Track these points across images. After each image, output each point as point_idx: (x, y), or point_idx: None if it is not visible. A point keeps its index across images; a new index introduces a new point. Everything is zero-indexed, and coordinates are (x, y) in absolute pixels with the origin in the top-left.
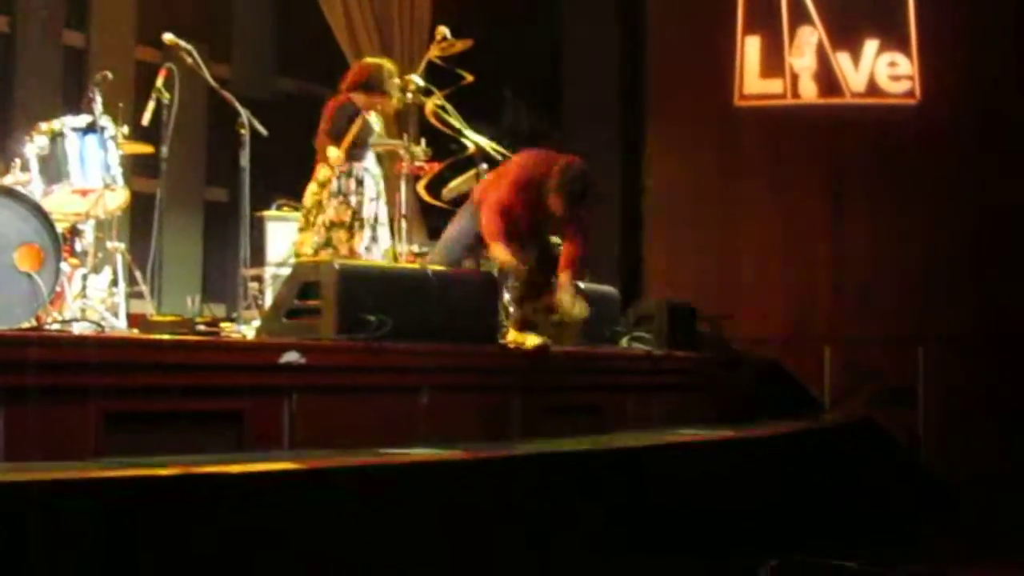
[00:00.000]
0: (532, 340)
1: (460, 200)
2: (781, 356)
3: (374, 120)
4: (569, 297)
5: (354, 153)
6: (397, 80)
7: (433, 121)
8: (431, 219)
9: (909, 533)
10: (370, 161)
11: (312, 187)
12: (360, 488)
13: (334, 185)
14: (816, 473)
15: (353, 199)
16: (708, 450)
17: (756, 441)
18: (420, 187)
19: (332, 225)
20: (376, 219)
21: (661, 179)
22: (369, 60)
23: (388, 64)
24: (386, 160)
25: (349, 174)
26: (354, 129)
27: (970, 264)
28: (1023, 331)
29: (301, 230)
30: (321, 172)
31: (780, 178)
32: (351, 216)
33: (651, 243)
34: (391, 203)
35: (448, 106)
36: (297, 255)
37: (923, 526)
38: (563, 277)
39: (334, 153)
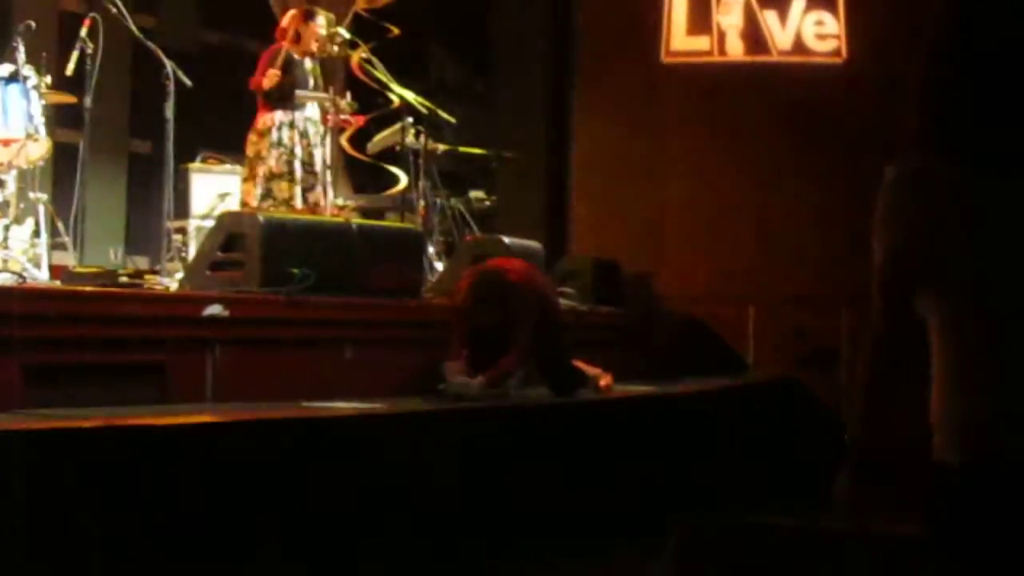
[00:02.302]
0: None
1: (385, 153)
2: (706, 315)
3: (308, 68)
4: (473, 386)
5: (292, 103)
6: (326, 29)
7: (359, 74)
8: (356, 173)
9: (827, 490)
10: (311, 110)
11: (252, 136)
12: (281, 442)
13: (274, 135)
14: (737, 431)
15: (298, 149)
16: (629, 406)
17: (678, 398)
18: (343, 140)
19: (272, 176)
20: (324, 165)
21: (587, 135)
22: (302, 7)
23: (322, 11)
24: None
25: (291, 124)
26: (280, 61)
27: None
28: None
29: (244, 180)
30: (261, 121)
31: (706, 136)
32: (290, 166)
33: (576, 199)
34: None
35: (374, 59)
36: (243, 205)
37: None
38: (481, 377)
39: (270, 78)
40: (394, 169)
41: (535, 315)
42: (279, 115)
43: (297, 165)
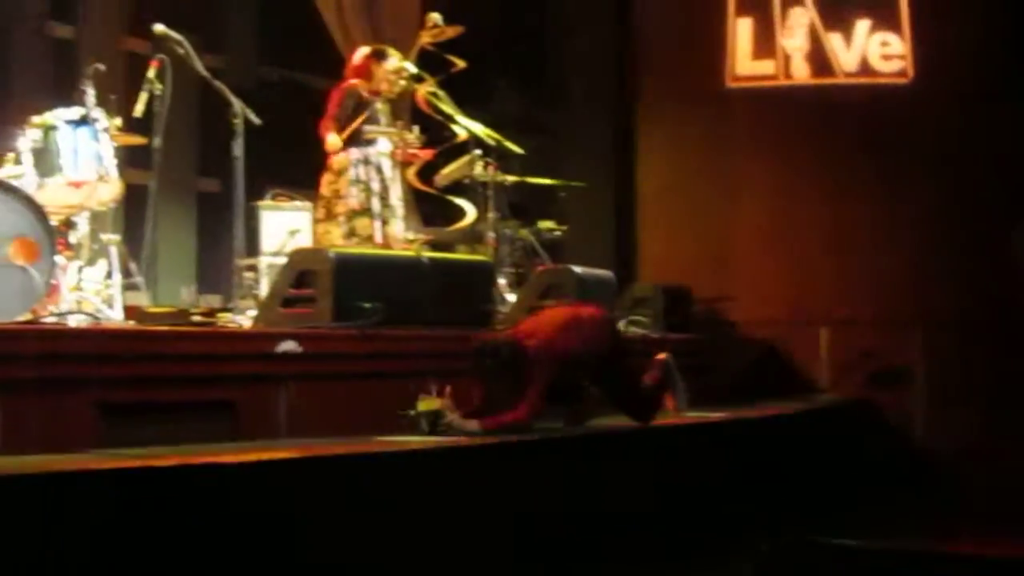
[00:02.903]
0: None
1: (453, 186)
2: (777, 338)
3: (379, 107)
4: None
5: (365, 140)
6: (395, 66)
7: (425, 108)
8: (425, 206)
9: (901, 510)
10: (383, 144)
11: (328, 177)
12: (356, 476)
13: (352, 173)
14: (810, 454)
15: (375, 184)
16: (703, 432)
17: (752, 422)
18: (411, 174)
19: (354, 214)
20: (397, 199)
21: (655, 162)
22: (374, 47)
23: (393, 51)
24: None
25: (366, 161)
26: (343, 114)
27: (964, 244)
28: (1019, 312)
29: (319, 221)
30: (336, 161)
31: (773, 160)
32: (370, 202)
33: (645, 226)
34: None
35: (440, 92)
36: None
37: (914, 502)
38: (476, 423)
39: (333, 140)
40: (461, 202)
41: (553, 374)
42: (354, 152)
43: (375, 200)
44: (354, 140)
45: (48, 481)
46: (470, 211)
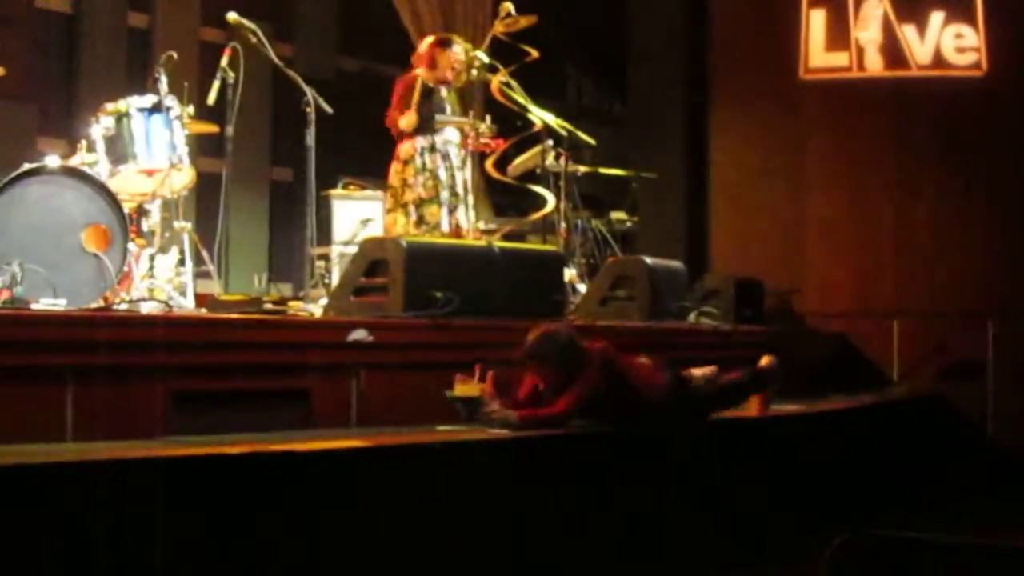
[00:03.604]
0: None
1: (526, 176)
2: (848, 331)
3: (444, 95)
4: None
5: (431, 127)
6: (464, 56)
7: (498, 97)
8: (497, 197)
9: (976, 506)
10: (451, 133)
11: (395, 166)
12: (427, 466)
13: (418, 161)
14: (884, 448)
15: (442, 172)
16: (776, 424)
17: (824, 416)
18: (488, 164)
19: (422, 202)
20: (466, 188)
21: (726, 153)
22: (438, 35)
23: (458, 39)
24: None
25: (432, 148)
26: (416, 96)
27: None
28: None
29: (389, 211)
30: (403, 149)
31: (847, 151)
32: (436, 190)
33: (717, 218)
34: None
35: (513, 82)
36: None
37: (990, 500)
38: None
39: (409, 120)
40: (540, 190)
41: (601, 382)
42: (420, 141)
43: (443, 189)
44: (422, 129)
45: (116, 468)
46: (550, 200)
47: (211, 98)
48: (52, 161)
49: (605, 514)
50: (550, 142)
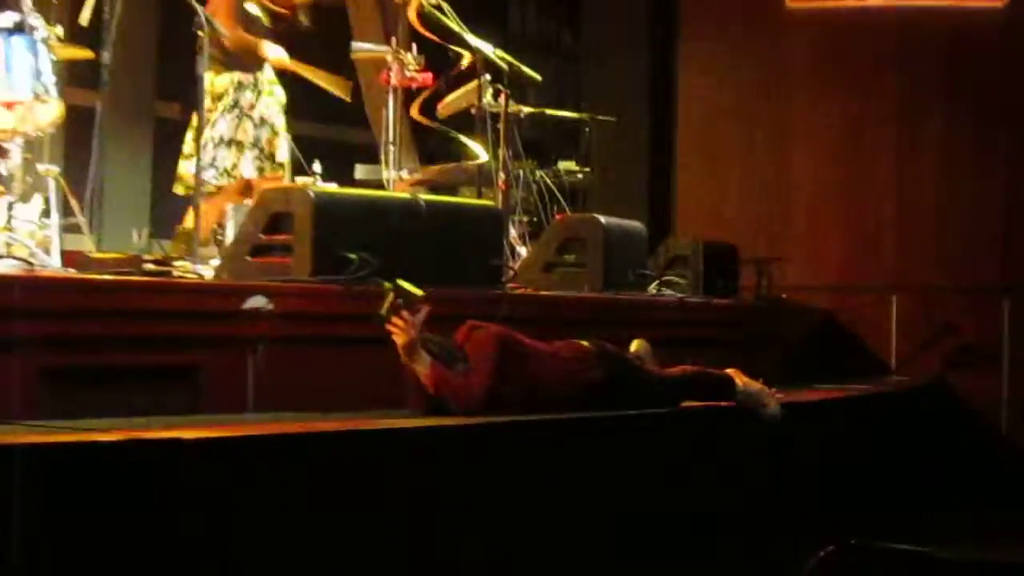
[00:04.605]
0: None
1: (457, 118)
2: (837, 307)
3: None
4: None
5: (250, 62)
6: None
7: (420, 27)
8: (424, 141)
9: (985, 513)
10: (270, 72)
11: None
12: (339, 459)
13: (231, 98)
14: (879, 445)
15: (256, 115)
16: (746, 417)
17: (807, 407)
18: (414, 109)
19: (222, 142)
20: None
21: (697, 98)
22: None
23: None
24: (370, 69)
25: (254, 86)
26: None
27: None
28: None
29: (187, 157)
30: (218, 83)
31: (839, 94)
32: (246, 135)
33: (684, 170)
34: (377, 121)
35: (445, 5)
36: (186, 190)
37: (1002, 505)
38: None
39: (277, 54)
40: (469, 142)
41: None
42: (238, 75)
43: (250, 131)
44: (237, 61)
45: None
46: (481, 155)
47: (84, 17)
48: None
49: (553, 514)
50: (487, 77)
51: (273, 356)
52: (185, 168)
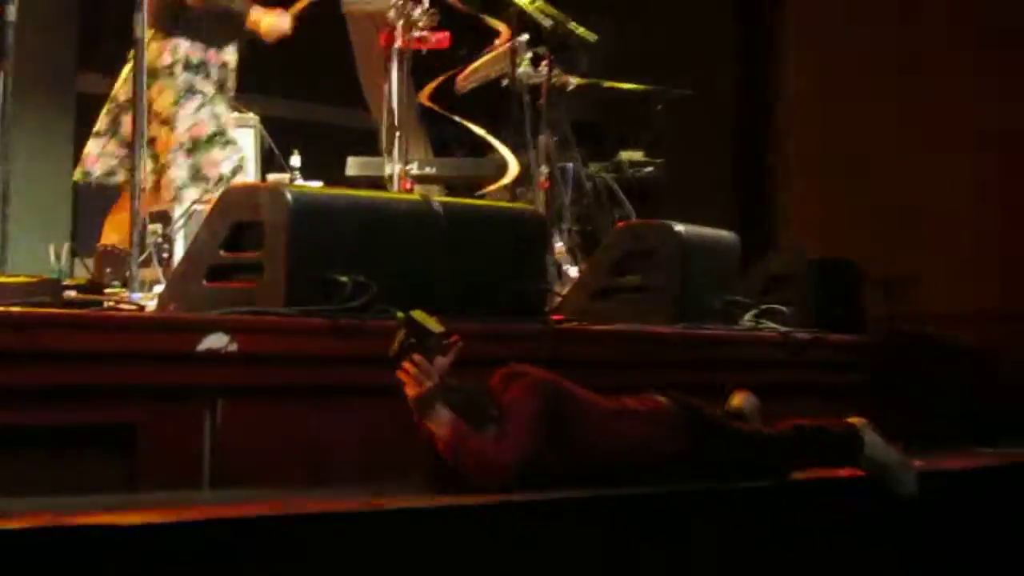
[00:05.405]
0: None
1: (485, 92)
2: (991, 340)
3: None
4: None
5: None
6: None
7: None
8: (440, 127)
9: None
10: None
11: (124, 72)
12: (319, 551)
13: (182, 78)
14: None
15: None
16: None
17: (952, 476)
18: (423, 95)
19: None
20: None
21: (803, 81)
22: None
23: None
24: (367, 27)
25: (201, 66)
26: None
27: None
28: None
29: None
30: (151, 50)
31: (992, 76)
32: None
33: (786, 174)
34: (375, 98)
35: None
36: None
37: None
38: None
39: (273, 21)
40: (496, 143)
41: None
42: (184, 45)
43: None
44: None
45: None
46: (512, 164)
47: None
48: None
49: None
50: (524, 37)
51: (235, 413)
52: (93, 147)
